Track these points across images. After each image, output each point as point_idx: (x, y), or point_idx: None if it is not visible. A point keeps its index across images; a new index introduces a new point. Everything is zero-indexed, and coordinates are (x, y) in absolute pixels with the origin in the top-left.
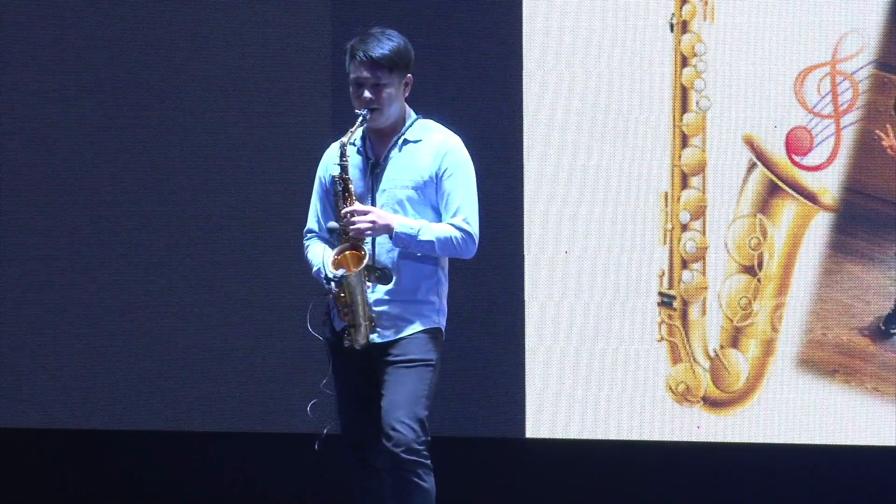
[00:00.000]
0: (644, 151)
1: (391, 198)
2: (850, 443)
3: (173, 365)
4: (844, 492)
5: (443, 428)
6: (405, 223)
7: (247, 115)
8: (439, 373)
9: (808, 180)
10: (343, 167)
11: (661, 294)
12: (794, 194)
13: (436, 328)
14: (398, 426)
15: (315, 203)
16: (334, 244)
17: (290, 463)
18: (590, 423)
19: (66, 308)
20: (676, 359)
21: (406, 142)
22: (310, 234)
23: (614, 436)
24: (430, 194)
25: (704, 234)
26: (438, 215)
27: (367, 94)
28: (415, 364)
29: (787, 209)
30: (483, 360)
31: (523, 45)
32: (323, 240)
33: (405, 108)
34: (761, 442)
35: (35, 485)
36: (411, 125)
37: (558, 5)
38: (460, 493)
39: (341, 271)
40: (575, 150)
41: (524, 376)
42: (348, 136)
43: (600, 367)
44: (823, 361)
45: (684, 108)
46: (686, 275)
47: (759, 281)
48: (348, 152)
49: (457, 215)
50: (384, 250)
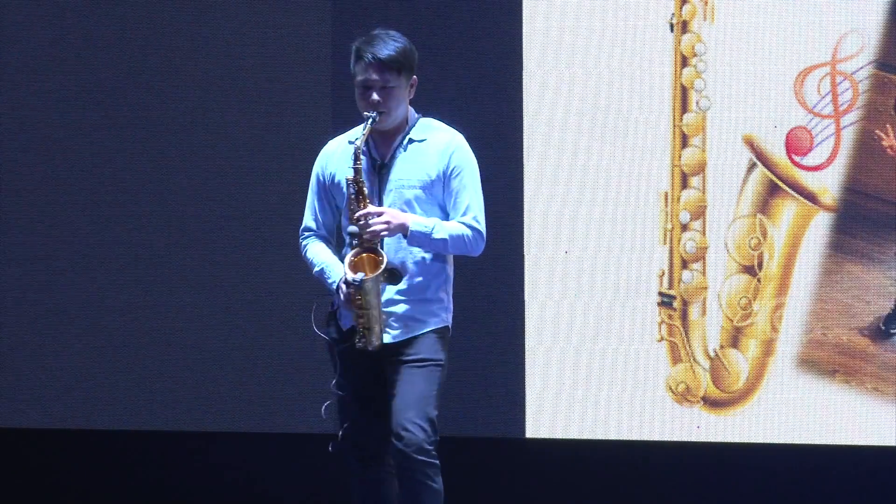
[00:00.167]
0: (644, 151)
1: (399, 197)
2: (850, 443)
3: (173, 365)
4: (844, 492)
5: (443, 428)
6: (419, 221)
7: (247, 115)
8: (447, 371)
9: (808, 180)
10: (357, 170)
11: (661, 294)
12: (794, 194)
13: (444, 327)
14: (409, 426)
15: (313, 202)
16: (348, 248)
17: (290, 463)
18: (590, 423)
19: (66, 308)
20: (676, 359)
21: (411, 141)
22: (307, 233)
23: (614, 436)
24: (438, 193)
25: (704, 234)
26: (445, 214)
27: (375, 96)
28: (425, 364)
29: (787, 209)
30: (483, 360)
31: (523, 45)
32: (321, 238)
33: (408, 107)
34: (761, 442)
35: (35, 485)
36: (415, 125)
37: (558, 5)
38: (460, 493)
39: (360, 275)
40: (575, 150)
41: (524, 376)
42: (362, 139)
43: (600, 367)
44: (823, 361)
45: (684, 108)
46: (686, 275)
47: (759, 281)
48: (350, 152)
49: (466, 214)
50: (391, 250)
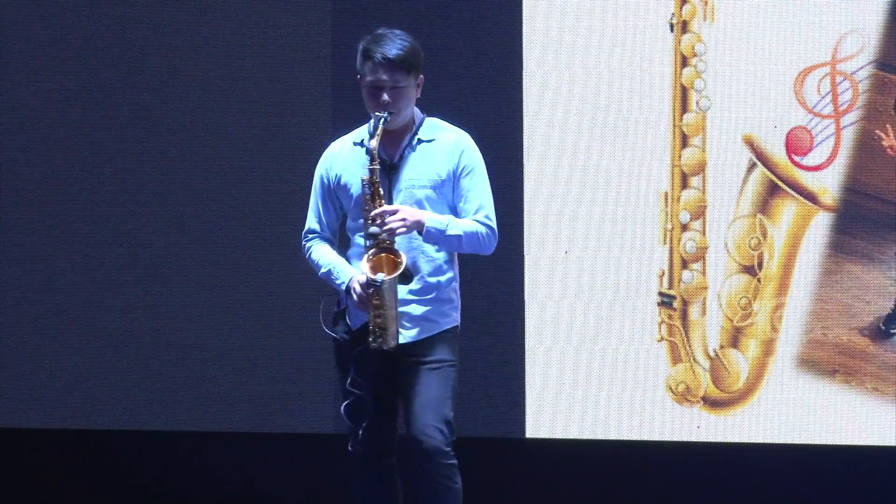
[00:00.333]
0: (644, 151)
1: (409, 197)
2: (850, 443)
3: (173, 365)
4: (844, 492)
5: None
6: (434, 218)
7: (247, 115)
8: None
9: (808, 180)
10: (373, 171)
11: (661, 294)
12: (794, 194)
13: (455, 326)
14: (429, 431)
15: (317, 203)
16: (354, 248)
17: (290, 463)
18: (590, 423)
19: (66, 308)
20: (676, 359)
21: (420, 141)
22: (311, 235)
23: (614, 436)
24: (448, 192)
25: (704, 234)
26: (454, 213)
27: (385, 97)
28: (441, 366)
29: (787, 209)
30: (483, 360)
31: (523, 45)
32: (325, 240)
33: (414, 107)
34: (761, 442)
35: (35, 485)
36: (422, 124)
37: (558, 5)
38: None
39: (381, 276)
40: (575, 150)
41: (524, 376)
42: (376, 140)
43: (600, 367)
44: (823, 361)
45: (684, 108)
46: (686, 275)
47: (759, 281)
48: (356, 154)
49: (478, 212)
50: (402, 249)
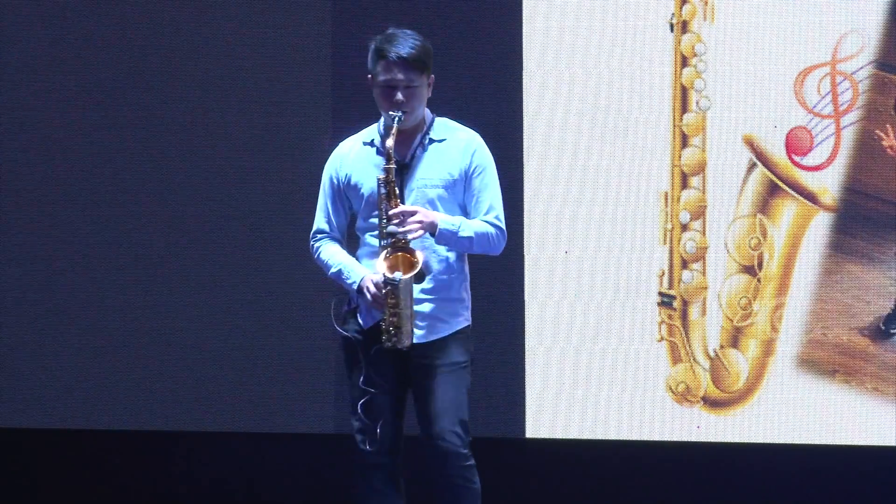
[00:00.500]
0: (644, 151)
1: (421, 197)
2: (850, 443)
3: (173, 365)
4: (844, 492)
5: None
6: (447, 220)
7: (247, 115)
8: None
9: (808, 180)
10: (389, 171)
11: (661, 294)
12: (794, 194)
13: (467, 326)
14: (446, 435)
15: (326, 204)
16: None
17: (290, 463)
18: (590, 423)
19: (66, 308)
20: (676, 359)
21: (431, 141)
22: (320, 236)
23: (614, 436)
24: (459, 192)
25: (704, 234)
26: (465, 213)
27: (399, 96)
28: (455, 368)
29: (787, 209)
30: (483, 360)
31: (523, 45)
32: (334, 240)
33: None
34: (761, 442)
35: (35, 485)
36: (432, 124)
37: (558, 5)
38: None
39: (398, 274)
40: (575, 150)
41: (524, 376)
42: (392, 139)
43: (600, 367)
44: (823, 361)
45: (684, 108)
46: (686, 275)
47: (759, 281)
48: (366, 154)
49: (489, 213)
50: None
